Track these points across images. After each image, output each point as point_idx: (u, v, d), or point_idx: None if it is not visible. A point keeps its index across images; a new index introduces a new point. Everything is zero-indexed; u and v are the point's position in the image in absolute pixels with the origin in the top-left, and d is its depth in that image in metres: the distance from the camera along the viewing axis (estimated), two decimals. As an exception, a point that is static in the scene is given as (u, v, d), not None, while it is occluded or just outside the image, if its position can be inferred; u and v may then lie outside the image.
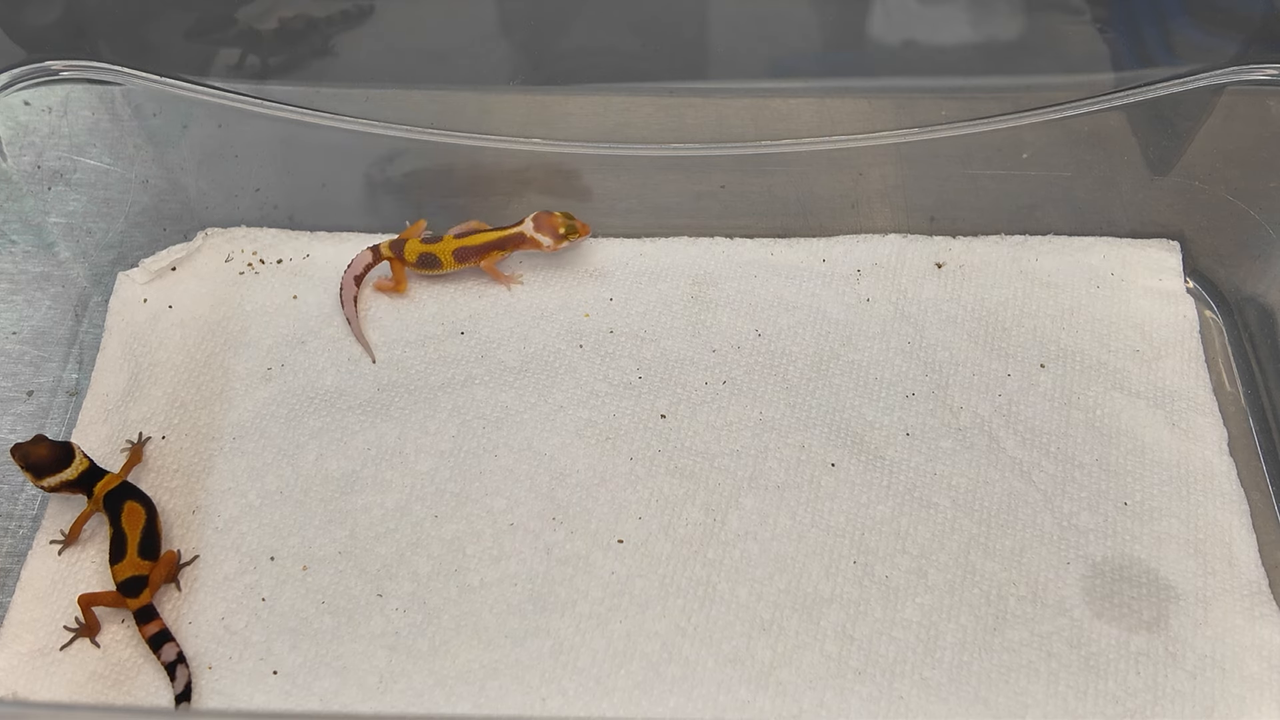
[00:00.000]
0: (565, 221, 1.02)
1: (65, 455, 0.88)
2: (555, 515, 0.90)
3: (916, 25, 1.13)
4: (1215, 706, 0.81)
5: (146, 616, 0.84)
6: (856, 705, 0.81)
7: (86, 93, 1.10)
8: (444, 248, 1.01)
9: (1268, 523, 0.90)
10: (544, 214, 1.02)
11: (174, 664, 0.82)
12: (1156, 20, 1.10)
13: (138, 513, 0.87)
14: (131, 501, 0.87)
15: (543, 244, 1.02)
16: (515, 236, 1.02)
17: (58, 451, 0.88)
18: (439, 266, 1.02)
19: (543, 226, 1.02)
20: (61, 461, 0.87)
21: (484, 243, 1.02)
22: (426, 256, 1.02)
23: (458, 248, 1.01)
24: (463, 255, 1.02)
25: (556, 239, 1.01)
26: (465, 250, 1.02)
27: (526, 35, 1.16)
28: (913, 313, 1.01)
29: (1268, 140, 1.06)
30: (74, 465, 0.88)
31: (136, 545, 0.85)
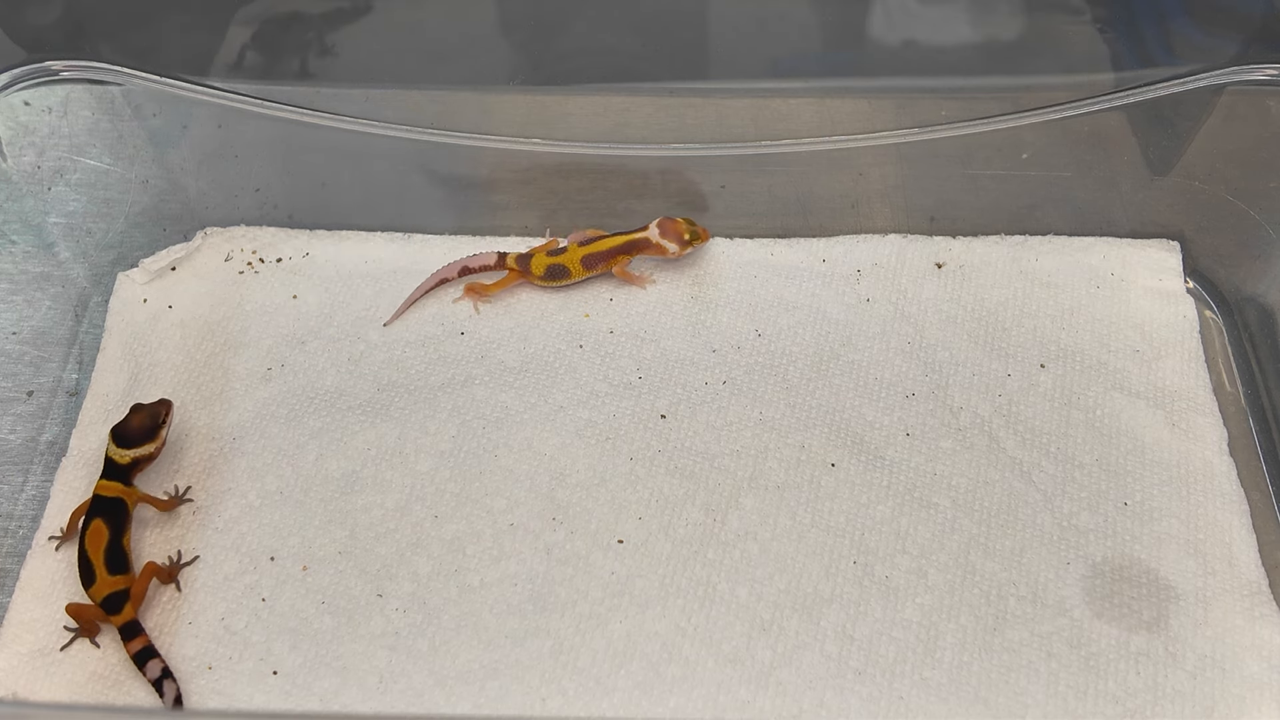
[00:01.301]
0: (689, 227, 1.03)
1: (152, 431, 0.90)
2: (555, 515, 0.90)
3: (916, 25, 1.13)
4: (1215, 706, 0.81)
5: (130, 633, 0.83)
6: (856, 705, 0.81)
7: (86, 93, 1.10)
8: (571, 257, 1.02)
9: (1268, 523, 0.90)
10: (668, 220, 1.03)
11: (159, 680, 0.81)
12: (1156, 20, 1.10)
13: (101, 533, 0.85)
14: (99, 520, 0.86)
15: (668, 249, 1.02)
16: (640, 241, 1.03)
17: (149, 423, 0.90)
18: (567, 276, 1.02)
19: (668, 232, 1.03)
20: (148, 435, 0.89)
21: (610, 248, 1.02)
22: (555, 268, 1.02)
23: (585, 255, 1.02)
24: (590, 263, 1.02)
25: (681, 244, 1.02)
26: (592, 257, 1.02)
27: (526, 35, 1.16)
28: (913, 313, 1.01)
29: (1268, 140, 1.06)
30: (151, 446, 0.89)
31: (103, 564, 0.84)
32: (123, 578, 0.84)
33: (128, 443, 0.89)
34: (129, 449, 0.89)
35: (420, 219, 1.09)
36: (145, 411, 0.90)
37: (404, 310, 1.02)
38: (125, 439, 0.89)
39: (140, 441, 0.89)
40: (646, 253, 1.03)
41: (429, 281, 1.02)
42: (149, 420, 0.90)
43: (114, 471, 0.88)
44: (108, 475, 0.88)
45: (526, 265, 1.02)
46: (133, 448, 0.89)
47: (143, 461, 0.89)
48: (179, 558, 0.88)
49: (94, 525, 0.86)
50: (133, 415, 0.90)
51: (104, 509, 0.87)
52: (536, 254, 1.03)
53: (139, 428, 0.89)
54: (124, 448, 0.89)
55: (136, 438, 0.89)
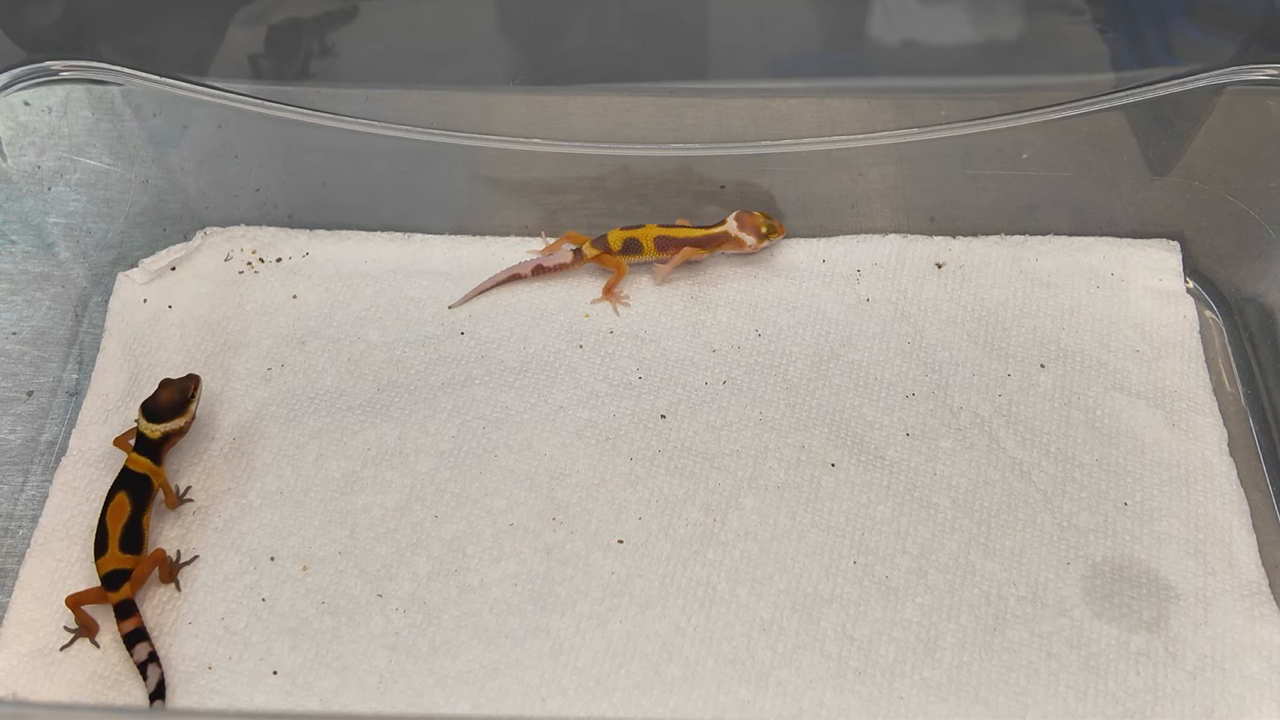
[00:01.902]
0: (766, 221, 1.03)
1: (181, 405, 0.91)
2: (555, 515, 0.90)
3: (916, 25, 1.13)
4: (1215, 706, 0.81)
5: (125, 612, 0.83)
6: (856, 705, 0.81)
7: (86, 93, 1.10)
8: (646, 234, 1.02)
9: (1268, 523, 0.90)
10: (745, 213, 1.03)
11: (145, 663, 0.82)
12: (1156, 20, 1.10)
13: (123, 507, 0.87)
14: (122, 494, 0.87)
15: (746, 243, 1.02)
16: (719, 236, 1.03)
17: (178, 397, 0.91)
18: (640, 252, 1.02)
19: (745, 226, 1.02)
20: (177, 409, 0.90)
21: (687, 237, 1.02)
22: (630, 241, 1.02)
23: (660, 235, 1.02)
24: (663, 244, 1.02)
25: (759, 238, 1.02)
26: (666, 240, 1.02)
27: (526, 35, 1.16)
28: (913, 313, 1.01)
29: (1268, 140, 1.06)
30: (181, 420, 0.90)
31: (118, 539, 0.85)
32: (132, 557, 0.85)
33: (158, 418, 0.90)
34: (159, 424, 0.90)
35: (420, 219, 1.09)
36: (174, 386, 0.91)
37: (471, 298, 1.02)
38: (155, 414, 0.90)
39: (170, 416, 0.90)
40: (724, 247, 1.03)
41: (502, 275, 1.03)
42: (178, 395, 0.91)
43: (145, 447, 0.89)
44: (140, 450, 0.89)
45: (605, 244, 1.02)
46: (163, 422, 0.90)
47: (174, 436, 0.90)
48: (179, 557, 0.88)
49: (118, 498, 0.87)
50: (161, 390, 0.91)
51: (130, 483, 0.88)
52: (611, 231, 1.03)
53: (168, 403, 0.90)
54: (154, 423, 0.90)
55: (166, 412, 0.90)
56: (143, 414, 0.90)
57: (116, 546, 0.85)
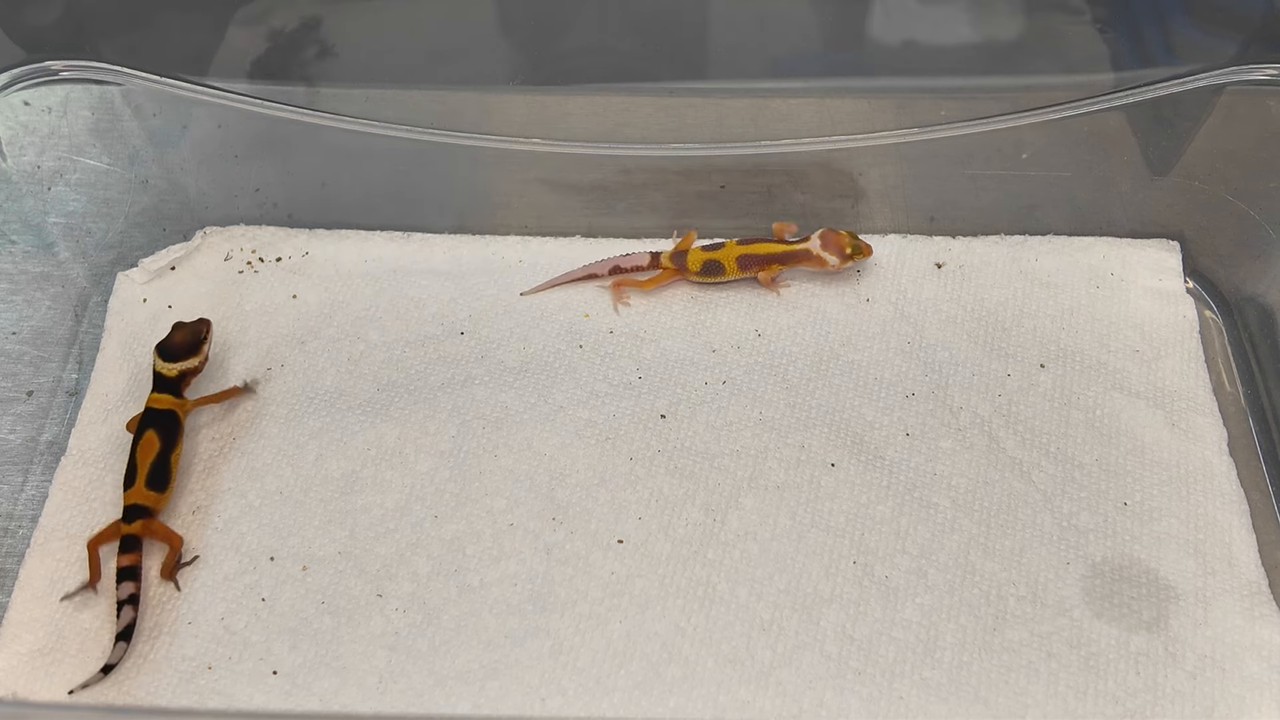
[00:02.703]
0: (851, 241, 1.02)
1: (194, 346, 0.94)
2: (555, 515, 0.90)
3: (916, 25, 1.13)
4: (1215, 706, 0.81)
5: (129, 546, 0.85)
6: (856, 705, 0.81)
7: (86, 93, 1.10)
8: (727, 254, 1.01)
9: (1268, 523, 0.90)
10: (830, 232, 1.02)
11: (123, 602, 0.83)
12: (1156, 20, 1.10)
13: (152, 444, 0.89)
14: (152, 431, 0.90)
15: (828, 262, 1.01)
16: (801, 253, 1.02)
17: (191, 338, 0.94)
18: (722, 273, 1.02)
19: (829, 245, 1.01)
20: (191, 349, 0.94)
21: (769, 254, 1.02)
22: (711, 264, 1.01)
23: (741, 255, 1.01)
24: (745, 263, 1.01)
25: (842, 258, 1.01)
26: (749, 258, 1.01)
27: (526, 35, 1.16)
28: (912, 313, 1.01)
29: (1268, 140, 1.06)
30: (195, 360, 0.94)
31: (146, 475, 0.88)
32: (155, 495, 0.88)
33: (173, 357, 0.93)
34: (175, 363, 0.93)
35: (420, 219, 1.09)
36: (187, 329, 0.95)
37: (544, 289, 1.03)
38: (170, 354, 0.93)
39: (185, 356, 0.93)
40: (805, 264, 1.02)
41: (577, 272, 1.03)
42: (191, 336, 0.94)
43: (163, 385, 0.92)
44: (158, 389, 0.92)
45: (682, 262, 1.02)
46: (178, 361, 0.93)
47: (189, 375, 0.93)
48: (180, 558, 0.88)
49: (147, 435, 0.90)
50: (175, 332, 0.94)
51: (156, 420, 0.91)
52: (692, 250, 1.02)
53: (182, 343, 0.94)
54: (170, 362, 0.93)
55: (181, 352, 0.93)
56: (158, 355, 0.93)
57: (143, 482, 0.87)
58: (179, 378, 0.93)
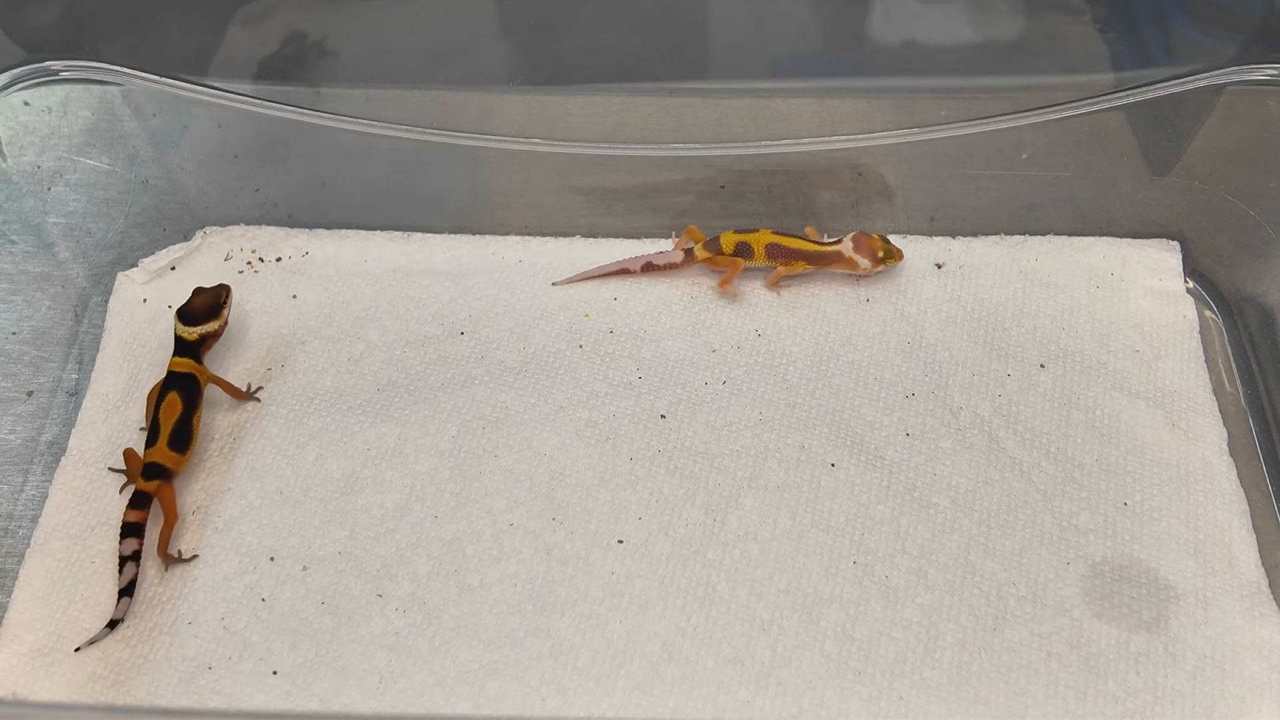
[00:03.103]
0: (884, 245, 1.01)
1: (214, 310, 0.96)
2: (555, 515, 0.90)
3: (916, 25, 1.13)
4: (1215, 707, 0.81)
5: (139, 503, 0.87)
6: (856, 705, 0.81)
7: (86, 93, 1.10)
8: (759, 239, 1.01)
9: (1268, 523, 0.90)
10: (863, 235, 1.02)
11: (126, 558, 0.85)
12: (1156, 20, 1.10)
13: (175, 405, 0.91)
14: (174, 393, 0.91)
15: (860, 265, 1.01)
16: (832, 255, 1.01)
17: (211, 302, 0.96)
18: (750, 256, 1.02)
19: (862, 248, 1.01)
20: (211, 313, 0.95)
21: (799, 249, 1.01)
22: (741, 245, 1.02)
23: (771, 243, 1.01)
24: (774, 252, 1.01)
25: (874, 261, 1.01)
26: (777, 248, 1.01)
27: (526, 35, 1.16)
28: (912, 313, 1.01)
29: (1268, 140, 1.06)
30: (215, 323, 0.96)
31: (168, 435, 0.90)
32: (176, 456, 0.90)
33: (194, 320, 0.95)
34: (195, 326, 0.94)
35: (420, 219, 1.09)
36: (207, 293, 0.96)
37: (575, 280, 1.03)
38: (191, 318, 0.95)
39: (205, 319, 0.95)
40: (835, 266, 1.02)
41: (611, 266, 1.03)
42: (211, 300, 0.96)
43: (184, 349, 0.94)
44: (179, 353, 0.94)
45: (717, 246, 1.02)
46: (199, 325, 0.94)
47: (209, 339, 0.95)
48: (179, 555, 0.88)
49: (169, 397, 0.91)
50: (195, 297, 0.96)
51: (178, 383, 0.92)
52: (726, 234, 1.02)
53: (202, 307, 0.95)
54: (191, 325, 0.94)
55: (201, 316, 0.95)
56: (179, 319, 0.95)
57: (165, 442, 0.89)
58: (199, 341, 0.94)
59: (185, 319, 0.95)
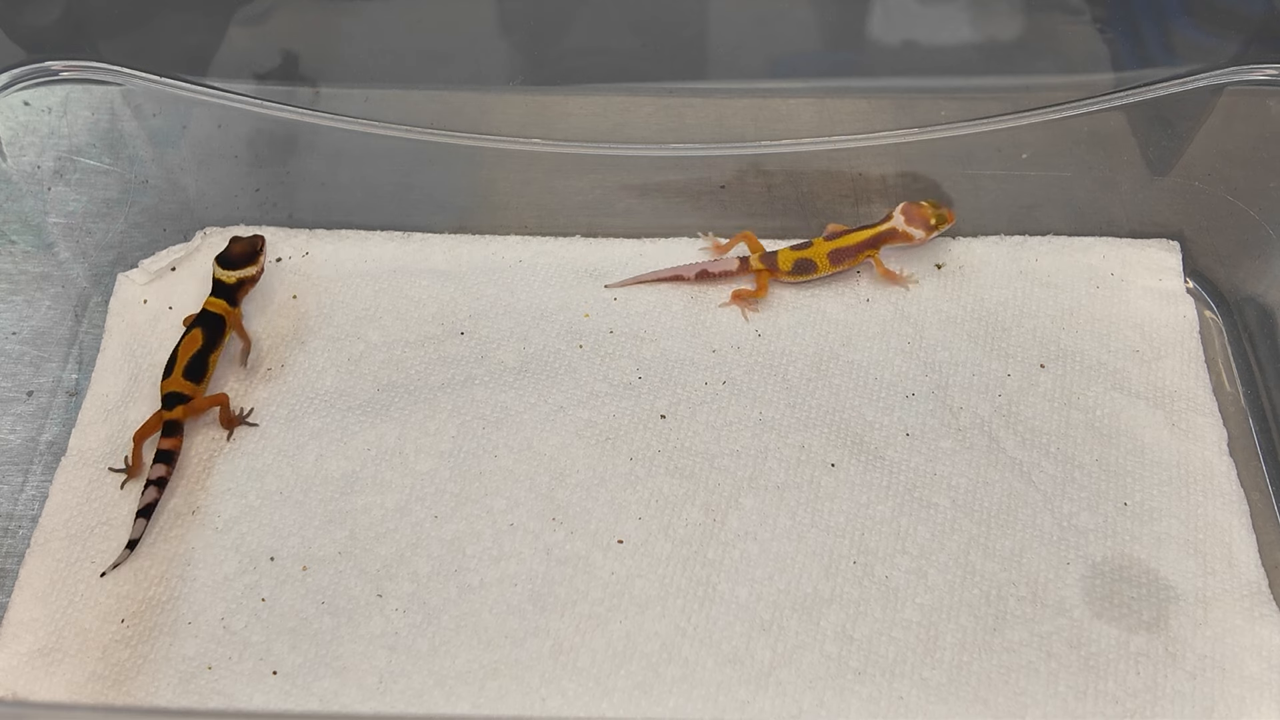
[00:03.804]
0: (934, 211, 1.01)
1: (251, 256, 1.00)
2: (555, 515, 0.90)
3: (916, 25, 1.13)
4: (1215, 707, 0.81)
5: (170, 430, 0.91)
6: (856, 705, 0.81)
7: (86, 93, 1.10)
8: (818, 251, 1.01)
9: (1268, 523, 0.90)
10: (912, 205, 1.02)
11: (151, 481, 0.89)
12: (1156, 20, 1.10)
13: (195, 340, 0.95)
14: (197, 329, 0.96)
15: (914, 237, 1.01)
16: (887, 232, 1.01)
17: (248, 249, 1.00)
18: (815, 270, 1.01)
19: (913, 218, 1.01)
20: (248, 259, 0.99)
21: (858, 242, 1.01)
22: (803, 262, 1.01)
23: (832, 250, 1.01)
24: (837, 257, 1.01)
25: (928, 229, 1.01)
26: (840, 252, 1.01)
27: (526, 35, 1.16)
28: (912, 313, 1.01)
29: (1268, 140, 1.06)
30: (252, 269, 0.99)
31: (183, 368, 0.94)
32: (192, 385, 0.94)
33: (232, 265, 0.98)
34: (234, 270, 0.98)
35: (420, 219, 1.09)
36: (244, 242, 1.00)
37: (628, 284, 1.03)
38: (230, 262, 0.99)
39: (243, 264, 0.99)
40: (894, 242, 1.02)
41: (665, 271, 1.03)
42: (248, 248, 0.99)
43: (221, 291, 0.98)
44: (215, 294, 0.98)
45: (773, 262, 1.02)
46: (238, 269, 0.98)
47: (247, 283, 0.99)
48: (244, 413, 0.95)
49: (192, 333, 0.96)
50: (233, 244, 1.00)
51: (205, 321, 0.97)
52: (782, 251, 1.02)
53: (240, 253, 0.99)
54: (230, 269, 0.98)
55: (240, 261, 0.99)
56: (218, 264, 0.99)
57: (180, 373, 0.93)
58: (237, 285, 0.98)
59: (224, 264, 0.98)
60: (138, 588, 0.86)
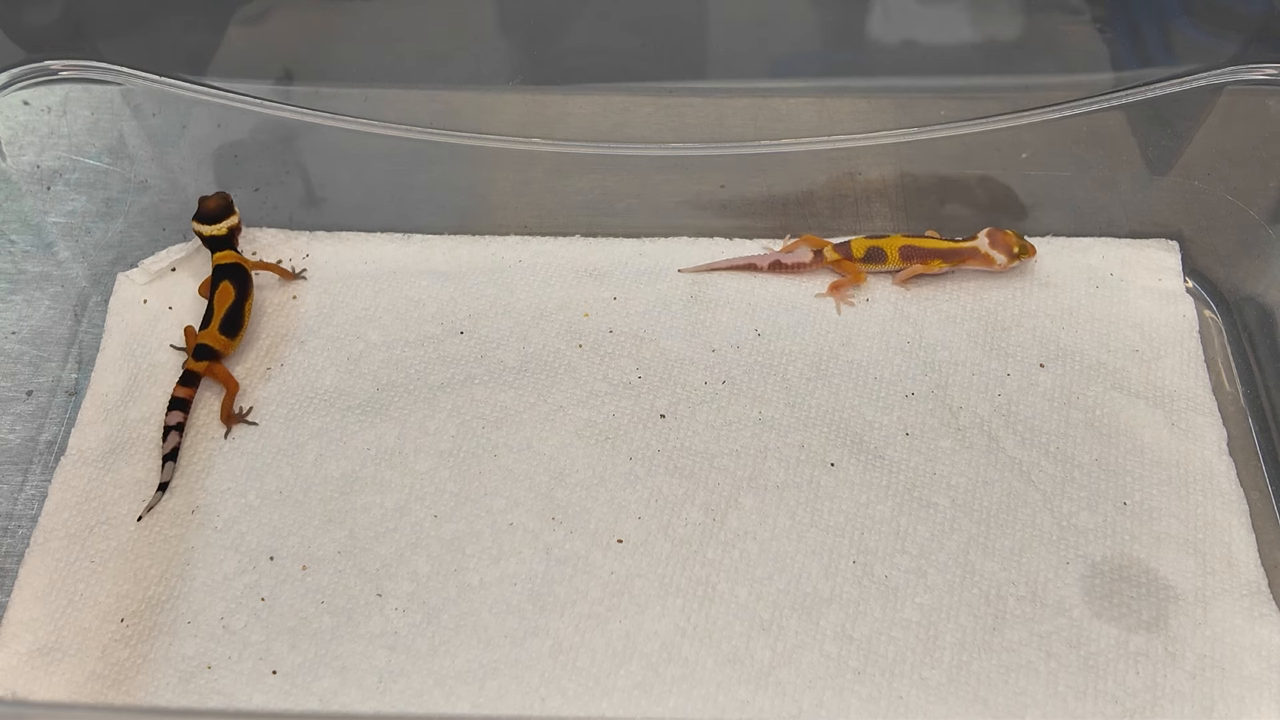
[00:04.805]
0: (1018, 240, 1.02)
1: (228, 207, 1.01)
2: (555, 515, 0.90)
3: (916, 25, 1.13)
4: (1214, 706, 0.81)
5: (189, 381, 0.94)
6: (856, 705, 0.81)
7: (86, 93, 1.10)
8: (891, 244, 1.02)
9: (1267, 523, 0.90)
10: (997, 231, 1.02)
11: (170, 428, 0.92)
12: (1156, 20, 1.10)
13: (228, 293, 0.97)
14: (226, 281, 0.97)
15: (995, 261, 1.01)
16: (968, 251, 1.02)
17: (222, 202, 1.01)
18: (884, 261, 1.02)
19: (998, 244, 1.01)
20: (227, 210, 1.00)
21: (933, 249, 1.02)
22: (874, 250, 1.02)
23: (905, 245, 1.02)
24: (908, 254, 1.02)
25: (1010, 257, 1.01)
26: (911, 250, 1.02)
27: (526, 35, 1.16)
28: (912, 312, 1.02)
29: (1268, 140, 1.06)
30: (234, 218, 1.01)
31: (220, 319, 0.96)
32: (226, 340, 0.96)
33: (215, 219, 0.99)
34: (220, 222, 0.99)
35: (420, 219, 1.09)
36: (214, 196, 1.01)
37: (703, 270, 1.04)
38: (213, 217, 1.00)
39: (225, 216, 1.00)
40: (971, 263, 1.02)
41: (739, 260, 1.04)
42: (221, 200, 1.00)
43: (220, 244, 0.99)
44: (217, 249, 0.99)
45: (847, 250, 1.02)
46: (223, 220, 0.99)
47: (236, 231, 1.01)
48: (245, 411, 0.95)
49: (223, 285, 0.98)
50: (204, 201, 1.00)
51: (228, 273, 0.98)
52: (856, 239, 1.02)
53: (217, 207, 1.00)
54: (216, 223, 0.99)
55: (221, 213, 1.00)
56: (201, 224, 0.99)
57: (217, 326, 0.96)
58: (230, 234, 0.99)
59: (208, 219, 0.99)
60: (137, 587, 0.86)
